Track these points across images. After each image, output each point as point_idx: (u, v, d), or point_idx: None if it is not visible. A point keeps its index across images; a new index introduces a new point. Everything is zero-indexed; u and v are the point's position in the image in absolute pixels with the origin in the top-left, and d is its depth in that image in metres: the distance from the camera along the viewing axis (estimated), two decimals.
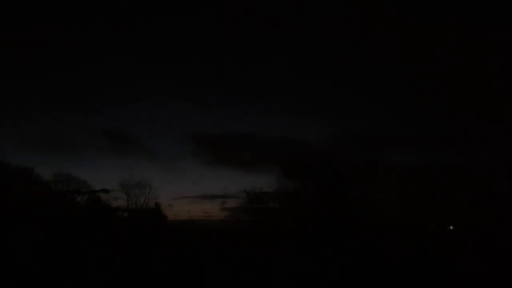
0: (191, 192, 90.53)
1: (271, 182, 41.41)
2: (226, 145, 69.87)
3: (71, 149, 69.68)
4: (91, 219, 35.27)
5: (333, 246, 31.47)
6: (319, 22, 70.97)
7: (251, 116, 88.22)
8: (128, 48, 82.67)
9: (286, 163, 43.76)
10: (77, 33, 75.98)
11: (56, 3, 67.85)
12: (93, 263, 27.20)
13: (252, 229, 39.51)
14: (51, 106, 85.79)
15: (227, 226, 43.42)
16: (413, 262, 28.70)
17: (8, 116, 76.39)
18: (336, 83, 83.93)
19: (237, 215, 42.31)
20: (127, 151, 78.31)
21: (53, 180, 40.21)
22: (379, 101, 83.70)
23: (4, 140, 69.13)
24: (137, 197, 43.75)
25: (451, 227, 39.46)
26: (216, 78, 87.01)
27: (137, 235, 36.67)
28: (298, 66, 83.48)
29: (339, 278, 24.68)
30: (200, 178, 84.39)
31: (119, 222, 41.81)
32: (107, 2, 68.09)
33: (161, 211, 44.42)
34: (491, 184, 42.47)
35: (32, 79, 79.76)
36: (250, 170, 75.95)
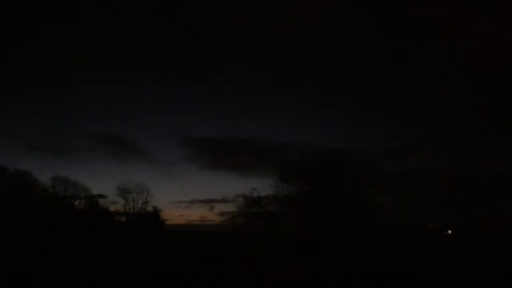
0: (188, 196, 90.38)
1: (270, 186, 41.36)
2: (224, 149, 70.07)
3: (68, 153, 69.95)
4: (89, 223, 35.20)
5: (332, 250, 31.43)
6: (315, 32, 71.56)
7: (248, 120, 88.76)
8: (126, 54, 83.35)
9: (284, 166, 43.72)
10: (77, 38, 76.70)
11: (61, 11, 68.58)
12: (91, 266, 27.12)
13: (251, 233, 39.42)
14: (49, 111, 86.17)
15: (225, 230, 43.30)
16: (411, 263, 28.66)
17: (5, 120, 76.72)
18: (332, 91, 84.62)
19: (235, 219, 42.19)
20: (125, 155, 78.50)
21: (51, 185, 40.15)
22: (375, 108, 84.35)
23: (2, 144, 69.26)
24: (134, 202, 43.69)
25: (449, 231, 39.33)
26: (214, 82, 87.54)
27: (135, 239, 36.64)
28: (297, 71, 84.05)
29: (338, 280, 24.63)
30: (198, 182, 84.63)
31: (117, 226, 41.72)
32: (104, 10, 68.82)
33: (159, 215, 44.26)
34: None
35: (30, 85, 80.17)
36: (248, 174, 76.01)
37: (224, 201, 62.38)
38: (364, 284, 23.81)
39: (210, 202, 62.24)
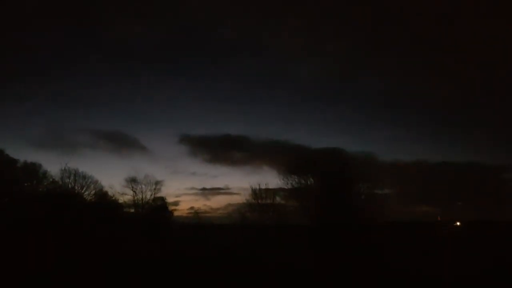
0: (191, 190, 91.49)
1: (278, 178, 41.58)
2: (226, 145, 70.90)
3: (72, 150, 71.05)
4: (99, 214, 35.63)
5: (339, 241, 31.54)
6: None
7: (246, 119, 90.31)
8: (127, 58, 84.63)
9: (291, 159, 43.85)
10: (81, 40, 77.87)
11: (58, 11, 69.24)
12: (102, 257, 27.47)
13: (258, 224, 39.68)
14: (52, 110, 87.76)
15: (233, 222, 43.52)
16: (417, 256, 28.67)
17: (13, 116, 78.01)
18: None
19: (241, 211, 42.41)
20: (127, 152, 79.74)
21: (61, 176, 40.49)
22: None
23: (10, 139, 70.46)
24: (143, 193, 44.13)
25: (458, 223, 39.17)
26: (212, 82, 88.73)
27: (145, 229, 37.03)
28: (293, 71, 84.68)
29: (344, 272, 24.72)
30: (200, 176, 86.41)
31: (126, 217, 42.23)
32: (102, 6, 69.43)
33: (167, 206, 44.71)
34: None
35: (37, 84, 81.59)
36: (248, 169, 76.89)
37: (228, 193, 62.86)
38: (371, 275, 23.88)
39: (214, 194, 62.70)
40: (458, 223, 39.78)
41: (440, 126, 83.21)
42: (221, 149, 72.40)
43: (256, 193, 41.55)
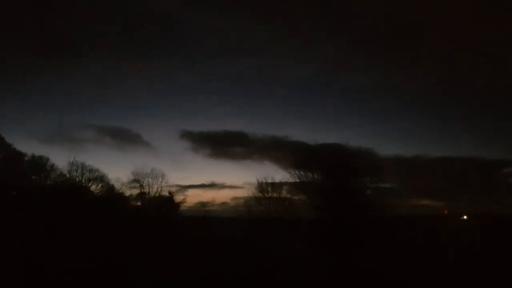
0: (194, 184, 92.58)
1: (279, 173, 41.55)
2: (227, 141, 71.58)
3: (78, 145, 71.81)
4: (107, 207, 35.81)
5: (346, 234, 31.56)
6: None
7: (244, 115, 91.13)
8: (130, 56, 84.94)
9: (294, 154, 43.74)
10: (87, 41, 78.34)
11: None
12: (110, 250, 27.63)
13: (265, 218, 39.75)
14: (61, 105, 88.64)
15: (238, 215, 43.64)
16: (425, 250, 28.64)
17: (20, 111, 78.72)
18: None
19: (248, 204, 42.41)
20: (131, 147, 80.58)
21: (68, 169, 40.65)
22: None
23: (17, 134, 71.16)
24: (149, 186, 44.23)
25: (465, 217, 39.23)
26: (214, 77, 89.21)
27: (153, 222, 37.23)
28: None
29: (349, 265, 24.76)
30: (203, 170, 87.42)
31: (134, 210, 42.45)
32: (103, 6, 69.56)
33: (174, 199, 44.81)
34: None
35: (44, 80, 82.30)
36: (249, 163, 77.41)
37: (230, 187, 63.16)
38: (377, 269, 23.90)
39: (217, 188, 62.91)
40: (465, 217, 39.81)
41: (440, 121, 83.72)
42: (222, 145, 73.27)
43: (262, 186, 41.57)
